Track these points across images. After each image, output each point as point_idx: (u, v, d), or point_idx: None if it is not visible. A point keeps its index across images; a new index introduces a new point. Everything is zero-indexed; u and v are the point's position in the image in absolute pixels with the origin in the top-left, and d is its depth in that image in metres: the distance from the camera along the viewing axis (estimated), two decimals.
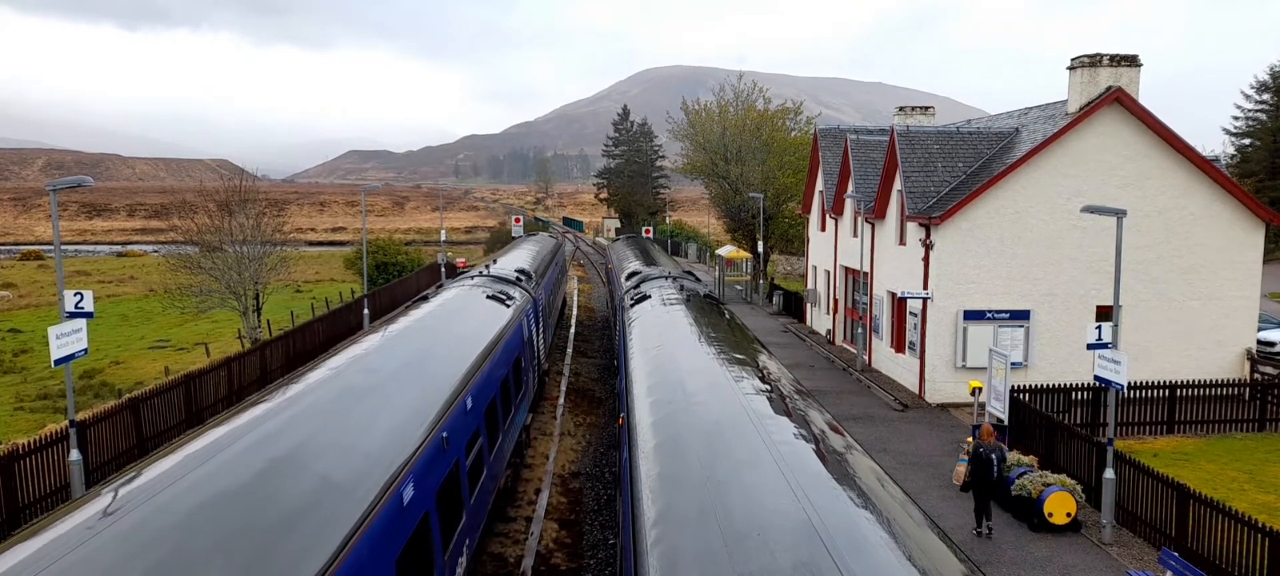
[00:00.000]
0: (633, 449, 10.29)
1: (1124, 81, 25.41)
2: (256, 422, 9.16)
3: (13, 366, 38.60)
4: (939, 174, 27.99)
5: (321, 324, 35.70)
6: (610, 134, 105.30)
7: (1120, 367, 15.61)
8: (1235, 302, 26.49)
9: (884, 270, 30.88)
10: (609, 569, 15.88)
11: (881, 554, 6.54)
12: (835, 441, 9.78)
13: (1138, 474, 16.44)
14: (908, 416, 25.29)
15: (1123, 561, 15.40)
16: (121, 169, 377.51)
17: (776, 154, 52.01)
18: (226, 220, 35.57)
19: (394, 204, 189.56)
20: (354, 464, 8.61)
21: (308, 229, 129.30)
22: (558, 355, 34.55)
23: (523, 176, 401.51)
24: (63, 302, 16.93)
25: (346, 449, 8.90)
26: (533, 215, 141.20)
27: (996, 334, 25.81)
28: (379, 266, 55.42)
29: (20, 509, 16.70)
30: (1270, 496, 18.20)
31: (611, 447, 22.89)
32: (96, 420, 19.59)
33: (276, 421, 9.21)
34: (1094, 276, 25.89)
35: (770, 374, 13.22)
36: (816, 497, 7.47)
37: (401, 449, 9.46)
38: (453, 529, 11.12)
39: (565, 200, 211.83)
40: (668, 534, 7.22)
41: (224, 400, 25.64)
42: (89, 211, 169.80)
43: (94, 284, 63.81)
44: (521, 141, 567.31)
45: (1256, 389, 23.90)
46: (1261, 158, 66.65)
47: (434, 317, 17.00)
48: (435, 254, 63.91)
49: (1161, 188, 25.92)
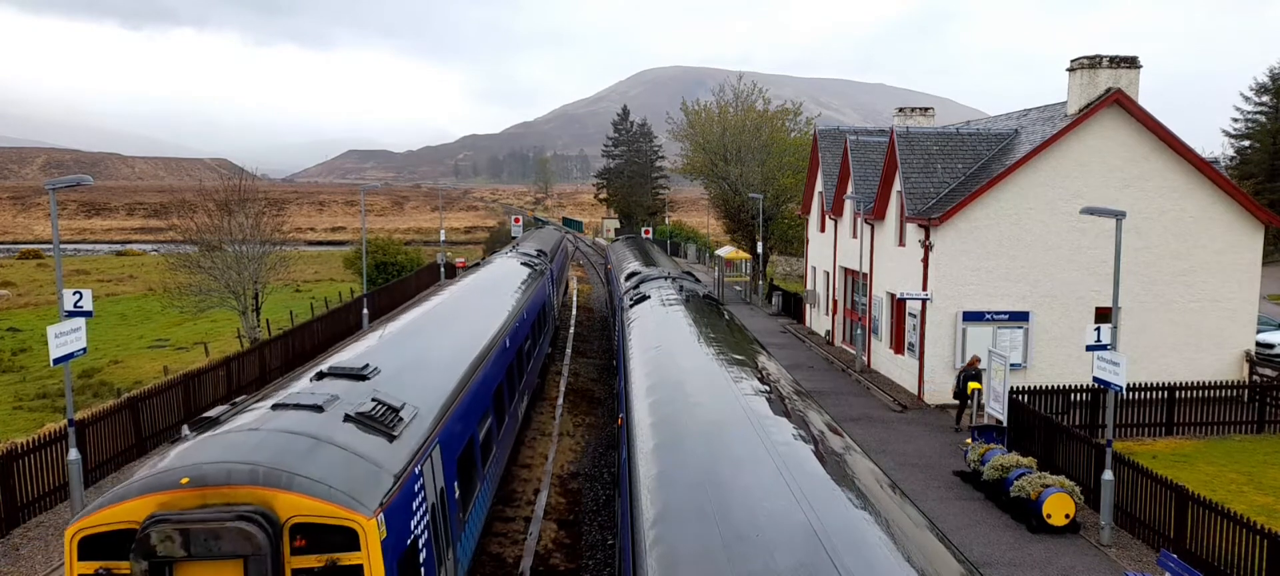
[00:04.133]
0: (632, 449, 10.29)
1: (1123, 83, 25.42)
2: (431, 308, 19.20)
3: (11, 365, 38.59)
4: (938, 175, 28.00)
5: (321, 324, 35.68)
6: (610, 134, 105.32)
7: (1119, 369, 15.62)
8: (1234, 304, 26.50)
9: (883, 271, 30.89)
10: (608, 569, 15.87)
11: (880, 554, 6.54)
12: (834, 442, 9.78)
13: (1137, 475, 16.44)
14: (907, 417, 25.30)
15: (1121, 563, 15.40)
16: (121, 168, 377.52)
17: (776, 155, 52.00)
18: (226, 219, 35.55)
19: (393, 204, 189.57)
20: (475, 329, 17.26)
21: (307, 228, 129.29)
22: (557, 355, 34.55)
23: (522, 176, 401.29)
24: (62, 302, 16.93)
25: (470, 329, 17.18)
26: (532, 215, 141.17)
27: (996, 335, 25.81)
28: (378, 266, 55.40)
29: (19, 508, 16.71)
30: (1269, 498, 18.21)
31: (610, 448, 22.88)
32: (95, 419, 19.59)
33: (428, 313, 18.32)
34: (1093, 278, 25.90)
35: (769, 375, 13.22)
36: (815, 498, 7.47)
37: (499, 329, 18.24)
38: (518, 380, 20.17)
39: (565, 200, 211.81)
40: (667, 534, 7.22)
41: (223, 400, 25.65)
42: (88, 210, 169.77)
43: (93, 283, 63.78)
44: (521, 141, 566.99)
45: (1255, 391, 23.91)
46: (1261, 159, 66.66)
47: (497, 269, 28.72)
48: (434, 254, 63.92)
49: (1161, 189, 25.93)
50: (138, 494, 7.89)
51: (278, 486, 7.89)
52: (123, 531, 7.72)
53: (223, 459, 8.12)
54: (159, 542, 7.46)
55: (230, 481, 7.85)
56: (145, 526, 7.54)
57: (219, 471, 7.92)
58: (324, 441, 8.85)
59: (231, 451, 8.28)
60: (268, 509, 7.77)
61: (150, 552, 7.47)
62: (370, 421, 9.72)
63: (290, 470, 8.09)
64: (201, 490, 7.79)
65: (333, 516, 7.89)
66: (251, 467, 7.99)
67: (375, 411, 9.97)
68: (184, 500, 7.76)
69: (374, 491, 8.47)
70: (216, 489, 7.80)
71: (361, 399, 10.23)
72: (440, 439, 11.11)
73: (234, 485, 7.83)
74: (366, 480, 8.59)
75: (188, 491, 7.79)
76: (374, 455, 9.11)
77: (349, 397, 10.19)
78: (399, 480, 9.03)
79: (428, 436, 10.56)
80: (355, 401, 10.10)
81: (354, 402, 10.04)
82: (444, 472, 11.09)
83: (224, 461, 8.06)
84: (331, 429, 9.19)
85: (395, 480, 8.96)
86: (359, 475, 8.59)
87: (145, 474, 8.23)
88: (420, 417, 10.77)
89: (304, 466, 8.24)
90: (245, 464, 8.03)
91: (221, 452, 8.28)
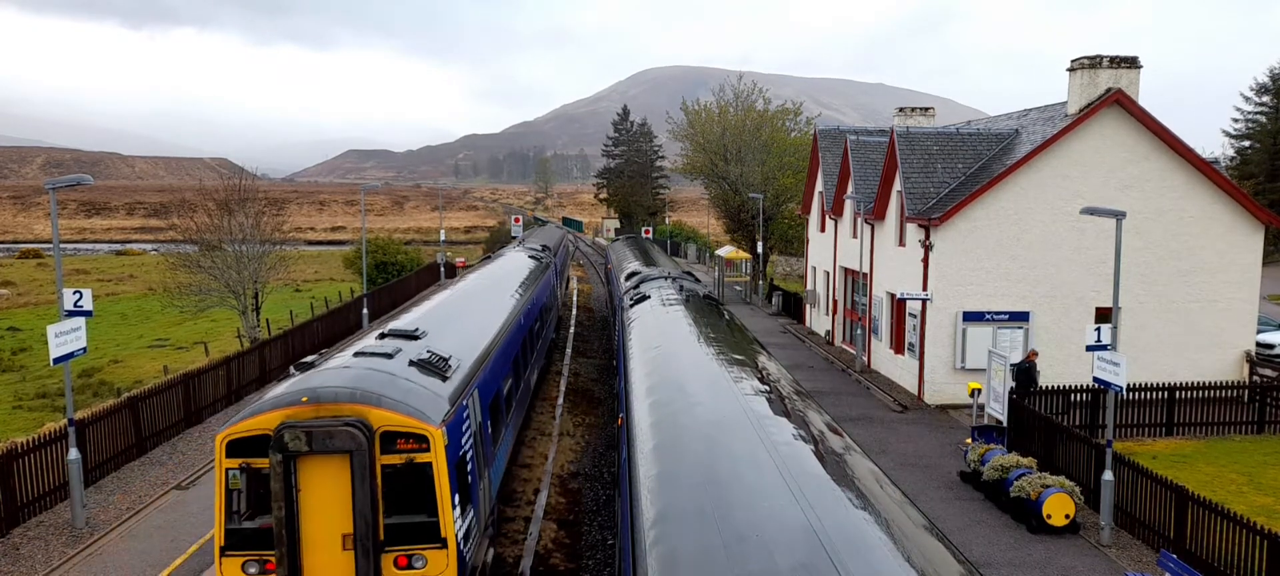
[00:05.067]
0: (632, 449, 10.29)
1: (1124, 83, 25.41)
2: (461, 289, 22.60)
3: (11, 365, 38.59)
4: (938, 175, 27.99)
5: (320, 323, 35.67)
6: (610, 134, 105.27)
7: (1119, 369, 15.61)
8: (1234, 305, 26.50)
9: (883, 271, 30.89)
10: (607, 569, 15.87)
11: (880, 555, 6.53)
12: (834, 442, 9.77)
13: (1136, 475, 16.44)
14: (907, 417, 25.29)
15: (1121, 563, 15.40)
16: (121, 167, 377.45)
17: (776, 154, 51.99)
18: (226, 219, 35.55)
19: (393, 203, 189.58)
20: (498, 306, 20.70)
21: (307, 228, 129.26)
22: (557, 355, 34.55)
23: (522, 176, 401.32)
24: (62, 301, 16.91)
25: (494, 305, 20.60)
26: (532, 215, 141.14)
27: (996, 335, 25.81)
28: (378, 266, 55.41)
29: (19, 508, 16.71)
30: (1269, 498, 18.20)
31: (610, 448, 22.87)
32: (95, 419, 19.59)
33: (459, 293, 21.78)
34: (1093, 278, 25.89)
35: (769, 375, 13.21)
36: (815, 499, 7.46)
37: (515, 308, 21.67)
38: (531, 352, 23.37)
39: (565, 200, 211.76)
40: (666, 534, 7.22)
41: (223, 400, 25.63)
42: (88, 210, 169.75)
43: (93, 282, 63.79)
44: (521, 141, 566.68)
45: (1255, 391, 23.89)
46: (1261, 160, 66.64)
47: (509, 261, 31.42)
48: (434, 254, 63.93)
49: (1161, 190, 25.92)
50: (270, 409, 10.83)
51: (370, 404, 10.89)
52: (259, 436, 10.68)
53: (329, 385, 11.13)
54: (290, 441, 10.44)
55: (337, 399, 10.86)
56: (279, 430, 10.47)
57: (328, 392, 10.94)
58: (398, 376, 11.91)
59: (333, 380, 11.31)
60: (364, 419, 10.73)
61: (284, 448, 10.44)
62: (428, 365, 12.84)
63: (378, 393, 11.13)
64: (317, 406, 10.76)
65: (411, 426, 10.95)
66: (351, 390, 11.02)
67: (431, 359, 13.13)
68: (304, 413, 10.70)
69: (437, 411, 11.56)
70: (328, 405, 10.78)
71: (419, 350, 13.36)
72: (477, 385, 14.28)
73: (340, 402, 10.83)
74: (431, 403, 11.66)
75: (307, 407, 10.74)
76: (434, 388, 12.20)
77: (409, 350, 13.24)
78: (453, 407, 12.20)
79: (468, 381, 13.75)
80: (414, 352, 13.17)
81: (414, 353, 13.12)
82: (480, 411, 14.16)
83: (330, 386, 11.08)
84: (401, 369, 12.25)
85: (451, 405, 12.15)
86: (426, 399, 11.66)
87: (271, 397, 11.22)
88: (462, 367, 13.99)
89: (388, 391, 11.27)
90: (346, 388, 11.06)
91: (326, 381, 11.26)
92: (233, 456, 10.80)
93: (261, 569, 10.91)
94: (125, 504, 18.00)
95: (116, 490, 18.76)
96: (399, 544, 10.99)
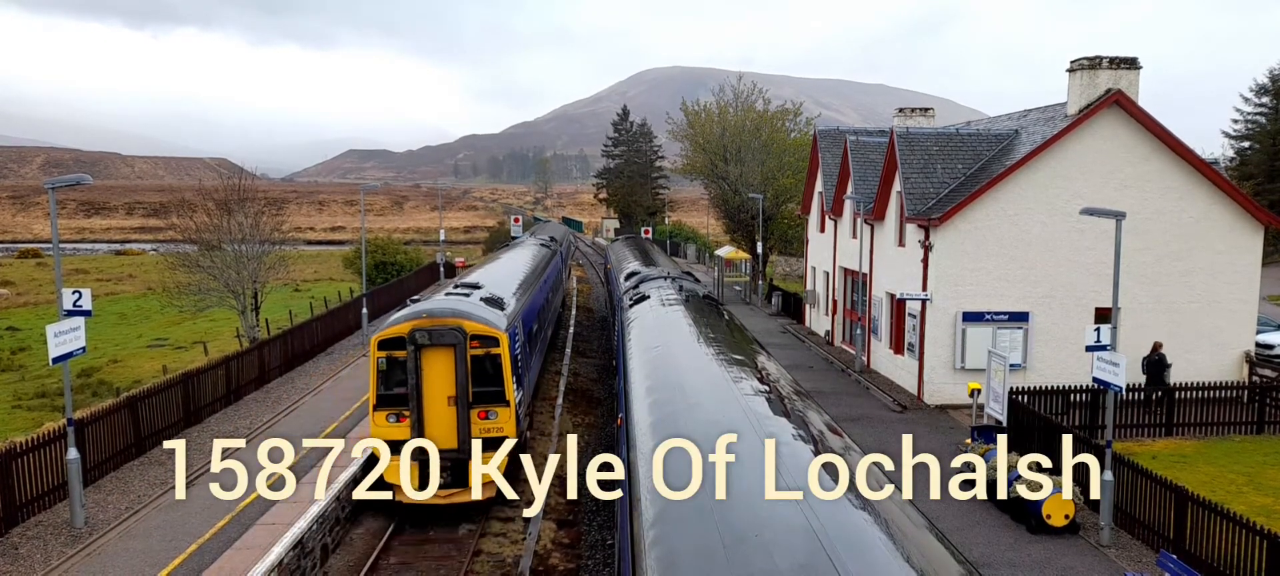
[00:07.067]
0: (631, 449, 10.27)
1: (1123, 84, 25.41)
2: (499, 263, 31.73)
3: (10, 364, 38.59)
4: (938, 176, 27.99)
5: (320, 323, 35.66)
6: (610, 134, 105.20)
7: (1119, 369, 15.61)
8: (1234, 305, 26.49)
9: (883, 271, 30.89)
10: (607, 569, 15.86)
11: (880, 555, 6.52)
12: (834, 442, 9.76)
13: (1136, 476, 16.43)
14: (906, 418, 25.29)
15: (1121, 563, 15.40)
16: (120, 167, 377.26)
17: (776, 155, 51.99)
18: (225, 219, 35.53)
19: (393, 203, 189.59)
20: (527, 273, 29.14)
21: (306, 228, 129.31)
22: (556, 354, 34.54)
23: (522, 177, 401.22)
24: (61, 301, 16.89)
25: (523, 272, 28.81)
26: (532, 215, 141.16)
27: (995, 335, 25.80)
28: (378, 266, 55.39)
29: (18, 507, 16.69)
30: (1268, 498, 18.20)
31: (610, 447, 22.86)
32: (94, 418, 19.57)
33: (498, 264, 31.15)
34: (1093, 278, 25.88)
35: (769, 374, 13.20)
36: (815, 498, 7.44)
37: (539, 276, 30.75)
38: (547, 314, 31.57)
39: (564, 200, 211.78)
40: (666, 534, 7.21)
41: (222, 400, 25.61)
42: (88, 209, 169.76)
43: (92, 282, 63.76)
44: (521, 141, 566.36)
45: (1255, 391, 23.89)
46: (1260, 160, 66.59)
47: (527, 248, 37.50)
48: (434, 253, 63.93)
49: (1161, 190, 25.92)
50: (404, 321, 18.32)
51: (464, 318, 18.38)
52: (397, 338, 18.04)
53: (439, 307, 18.87)
54: (419, 338, 17.90)
55: (444, 315, 18.38)
56: (412, 332, 17.93)
57: (439, 310, 18.62)
58: (476, 304, 19.77)
59: (440, 305, 19.15)
60: (461, 327, 18.15)
61: (415, 342, 17.88)
62: (492, 301, 20.90)
63: (468, 311, 18.76)
64: (432, 319, 18.26)
65: (488, 332, 18.43)
66: (453, 310, 18.68)
67: (492, 297, 21.32)
68: (425, 323, 18.11)
69: (502, 324, 19.13)
70: (439, 318, 18.27)
71: (484, 293, 21.44)
72: (522, 317, 22.36)
73: (445, 317, 18.34)
74: (498, 319, 19.32)
75: (425, 319, 18.22)
76: (497, 313, 19.85)
77: (476, 294, 21.05)
78: (509, 325, 19.66)
79: (515, 314, 21.32)
80: (481, 295, 21.08)
81: (481, 295, 21.05)
82: (524, 333, 21.92)
83: (439, 308, 18.79)
84: (476, 303, 19.86)
85: (508, 323, 19.74)
86: (495, 317, 19.41)
87: (402, 314, 18.93)
88: (510, 306, 21.64)
89: (473, 311, 18.95)
90: (449, 309, 18.72)
91: (436, 305, 19.11)
92: (381, 350, 18.03)
93: (397, 417, 17.96)
94: (124, 503, 17.97)
95: (115, 490, 18.74)
96: (481, 404, 18.26)
